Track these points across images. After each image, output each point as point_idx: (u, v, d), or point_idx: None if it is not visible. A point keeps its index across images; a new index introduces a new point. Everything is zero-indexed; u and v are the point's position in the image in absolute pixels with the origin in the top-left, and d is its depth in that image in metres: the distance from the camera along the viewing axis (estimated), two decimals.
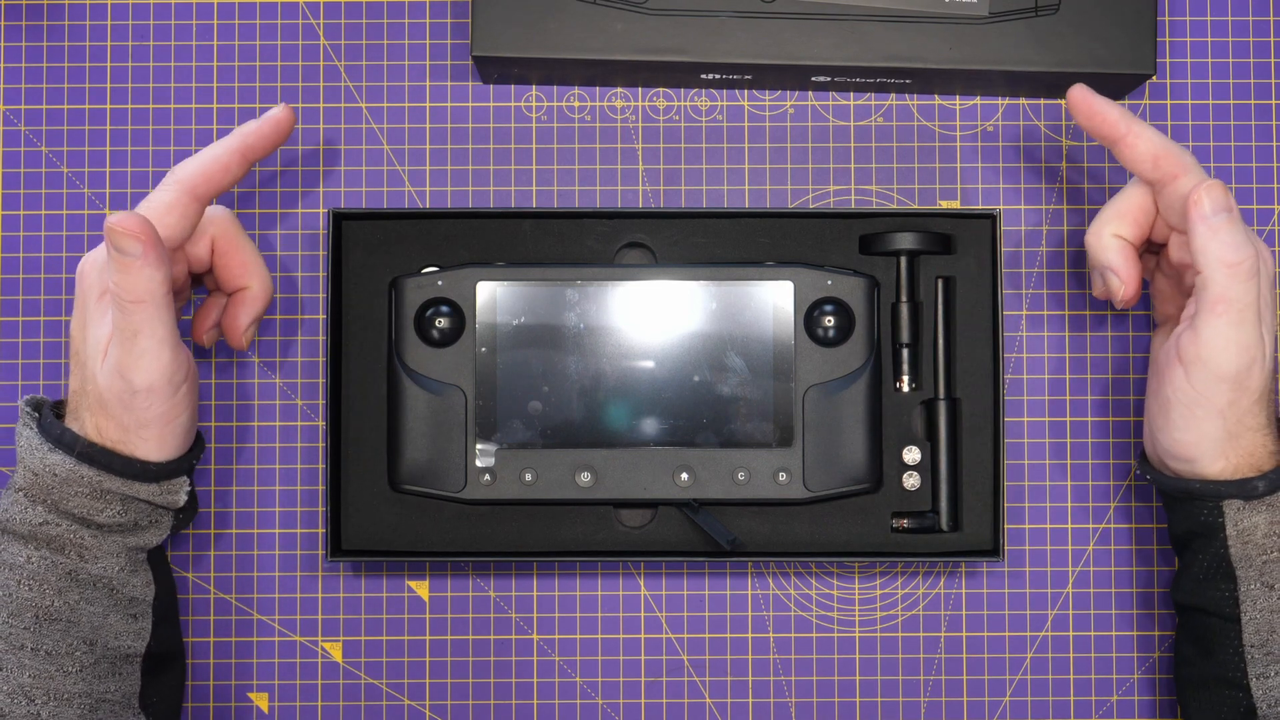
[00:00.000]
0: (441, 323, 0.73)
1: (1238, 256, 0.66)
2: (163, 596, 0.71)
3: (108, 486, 0.67)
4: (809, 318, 0.73)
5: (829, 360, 0.73)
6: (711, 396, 0.73)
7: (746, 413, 0.73)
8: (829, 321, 0.73)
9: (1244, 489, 0.68)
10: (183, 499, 0.70)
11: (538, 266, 0.74)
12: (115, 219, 0.65)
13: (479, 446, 0.73)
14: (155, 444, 0.68)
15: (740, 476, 0.73)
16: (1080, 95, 0.70)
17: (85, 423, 0.68)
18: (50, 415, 0.69)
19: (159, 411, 0.67)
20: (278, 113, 0.71)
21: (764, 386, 0.73)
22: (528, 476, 0.73)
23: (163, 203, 0.69)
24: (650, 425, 0.73)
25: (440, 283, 0.73)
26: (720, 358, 0.73)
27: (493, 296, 0.73)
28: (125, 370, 0.66)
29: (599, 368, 0.73)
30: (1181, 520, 0.71)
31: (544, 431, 0.73)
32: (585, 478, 0.73)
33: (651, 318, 0.73)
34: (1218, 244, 0.66)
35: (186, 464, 0.70)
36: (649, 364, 0.73)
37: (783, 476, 0.73)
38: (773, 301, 0.73)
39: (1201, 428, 0.67)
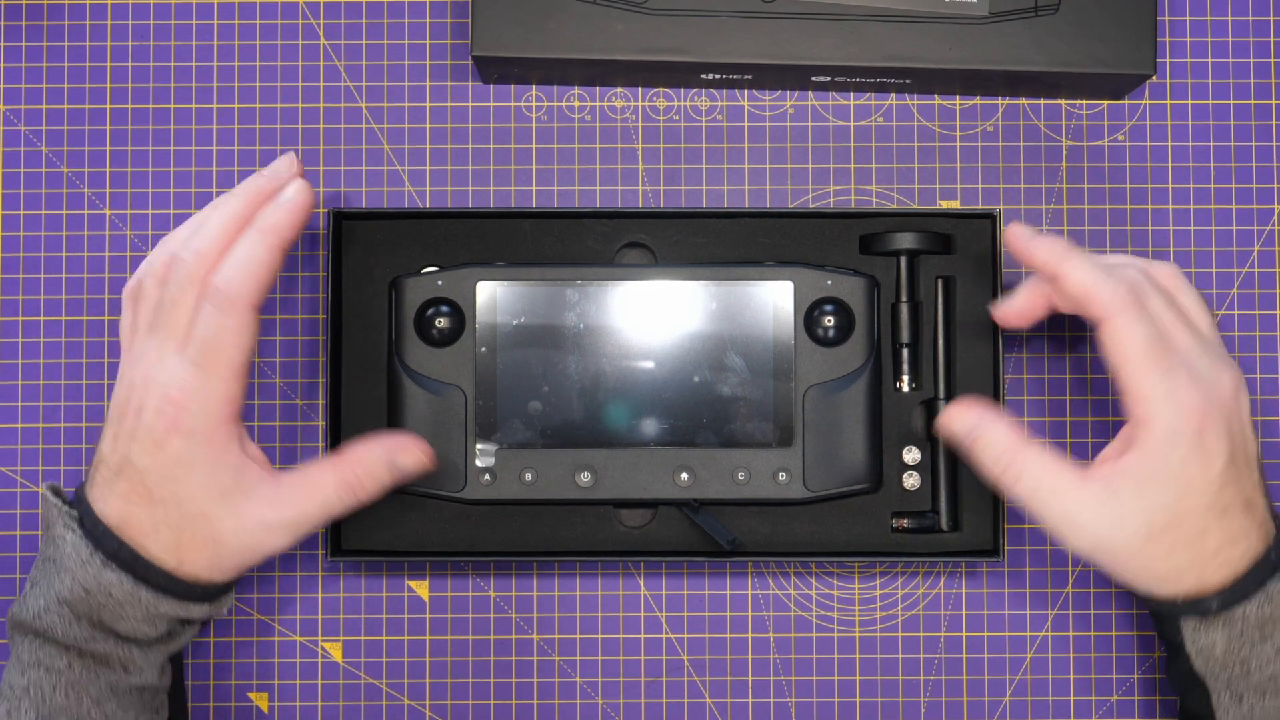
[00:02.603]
0: (441, 322, 0.73)
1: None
2: (176, 679, 0.70)
3: (163, 610, 0.65)
4: (809, 318, 0.73)
5: (829, 360, 0.73)
6: (711, 396, 0.73)
7: (746, 413, 0.73)
8: (829, 321, 0.73)
9: (1198, 608, 0.65)
10: (225, 611, 0.69)
11: (538, 266, 0.73)
12: (413, 445, 0.69)
13: (479, 446, 0.73)
14: (215, 574, 0.66)
15: (740, 476, 0.73)
16: (1013, 235, 0.69)
17: (110, 507, 0.65)
18: (93, 518, 0.65)
19: (251, 563, 0.67)
20: (294, 194, 0.67)
21: (764, 386, 0.73)
22: (528, 476, 0.73)
23: (233, 330, 0.65)
24: (650, 425, 0.73)
25: (440, 282, 0.73)
26: (720, 358, 0.73)
27: (493, 296, 0.73)
28: (275, 536, 0.66)
29: (599, 367, 0.73)
30: (1158, 630, 0.70)
31: (544, 431, 0.73)
32: (585, 478, 0.73)
33: (651, 318, 0.73)
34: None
35: (236, 580, 0.69)
36: (649, 364, 0.73)
37: (782, 476, 0.73)
38: (773, 301, 0.73)
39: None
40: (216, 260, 0.65)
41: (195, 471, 0.65)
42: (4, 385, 0.77)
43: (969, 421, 0.68)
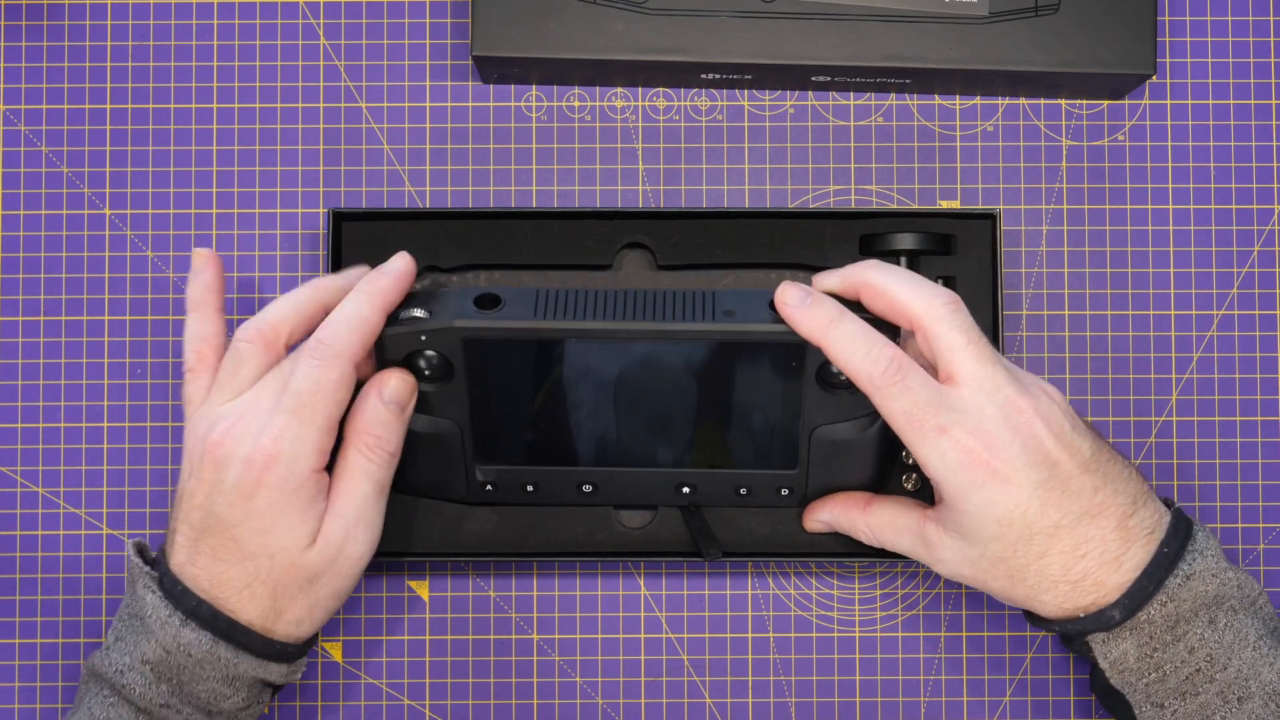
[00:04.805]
0: (429, 370, 0.68)
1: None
2: None
3: (242, 670, 0.65)
4: (821, 371, 0.67)
5: (839, 403, 0.68)
6: (715, 424, 0.70)
7: (751, 440, 0.71)
8: (844, 379, 0.67)
9: (1101, 621, 0.64)
10: (299, 674, 0.68)
11: (526, 321, 0.65)
12: (390, 373, 0.66)
13: (480, 469, 0.71)
14: (306, 625, 0.66)
15: (742, 491, 0.72)
16: (780, 301, 0.65)
17: (199, 569, 0.65)
18: (172, 578, 0.65)
19: (345, 587, 0.67)
20: (400, 265, 0.67)
21: (772, 416, 0.69)
22: (529, 488, 0.72)
23: (334, 382, 0.64)
24: (651, 455, 0.71)
25: (424, 337, 0.67)
26: (725, 415, 0.70)
27: (480, 349, 0.67)
28: (352, 539, 0.66)
29: (597, 402, 0.70)
30: (1069, 650, 0.68)
31: (544, 463, 0.71)
32: (586, 489, 0.72)
33: (654, 369, 0.68)
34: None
35: (313, 645, 0.69)
36: (652, 412, 0.70)
37: (784, 492, 0.72)
38: (784, 361, 0.67)
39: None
40: (292, 326, 0.67)
41: (284, 519, 0.64)
42: (4, 385, 0.77)
43: (817, 523, 0.72)
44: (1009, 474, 0.63)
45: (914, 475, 0.75)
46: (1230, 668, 0.64)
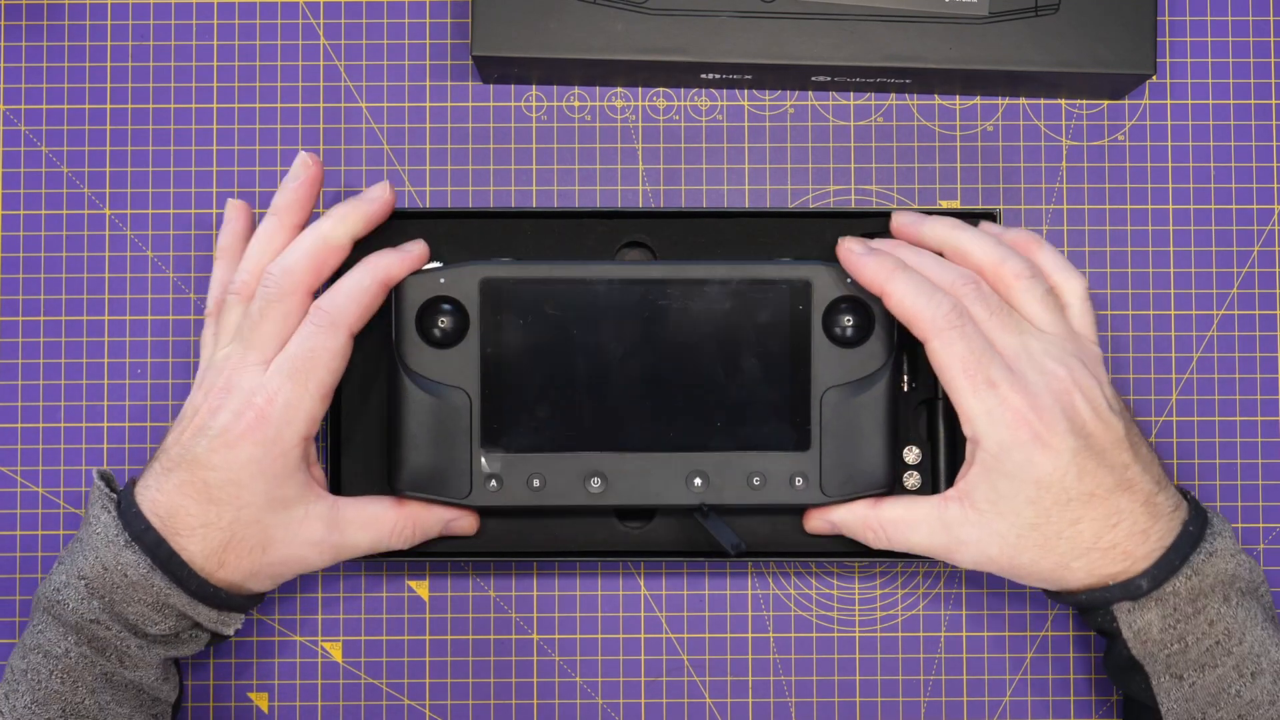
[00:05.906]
0: (444, 322, 0.71)
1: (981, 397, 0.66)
2: (180, 698, 0.72)
3: (172, 601, 0.66)
4: (827, 317, 0.72)
5: (847, 361, 0.72)
6: (726, 398, 0.72)
7: (762, 415, 0.72)
8: (848, 321, 0.71)
9: (1129, 590, 0.66)
10: (230, 632, 0.69)
11: (544, 263, 0.72)
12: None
13: (484, 452, 0.71)
14: (250, 584, 0.68)
15: (755, 481, 0.72)
16: (844, 250, 0.70)
17: (162, 495, 0.67)
18: (130, 500, 0.67)
19: (294, 556, 0.68)
20: (415, 248, 0.71)
21: (781, 388, 0.72)
22: (535, 483, 0.72)
23: (329, 350, 0.68)
24: (662, 428, 0.72)
25: (442, 280, 0.71)
26: (736, 358, 0.72)
27: (497, 294, 0.71)
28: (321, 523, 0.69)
29: (609, 368, 0.72)
30: (1089, 623, 0.70)
31: (552, 435, 0.71)
32: (595, 484, 0.71)
33: (664, 316, 0.72)
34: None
35: (254, 604, 0.70)
36: (661, 364, 0.72)
37: (799, 481, 0.72)
38: (790, 300, 0.72)
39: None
40: (306, 278, 0.68)
41: (262, 479, 0.66)
42: (4, 385, 0.77)
43: (822, 522, 0.72)
44: (1049, 439, 0.65)
45: (914, 473, 0.75)
46: (1245, 642, 0.67)
